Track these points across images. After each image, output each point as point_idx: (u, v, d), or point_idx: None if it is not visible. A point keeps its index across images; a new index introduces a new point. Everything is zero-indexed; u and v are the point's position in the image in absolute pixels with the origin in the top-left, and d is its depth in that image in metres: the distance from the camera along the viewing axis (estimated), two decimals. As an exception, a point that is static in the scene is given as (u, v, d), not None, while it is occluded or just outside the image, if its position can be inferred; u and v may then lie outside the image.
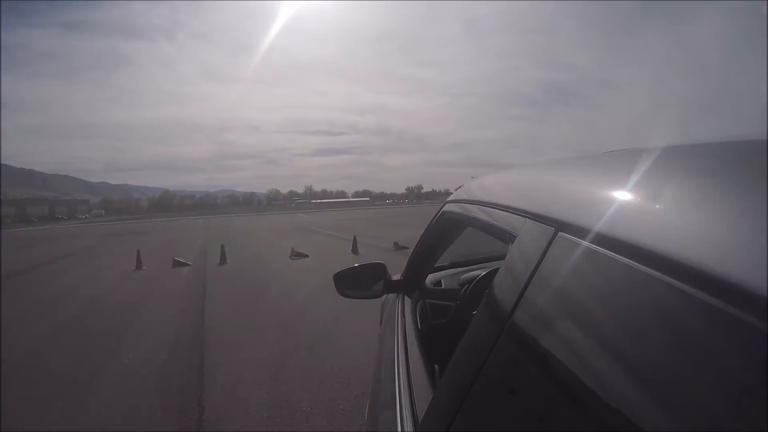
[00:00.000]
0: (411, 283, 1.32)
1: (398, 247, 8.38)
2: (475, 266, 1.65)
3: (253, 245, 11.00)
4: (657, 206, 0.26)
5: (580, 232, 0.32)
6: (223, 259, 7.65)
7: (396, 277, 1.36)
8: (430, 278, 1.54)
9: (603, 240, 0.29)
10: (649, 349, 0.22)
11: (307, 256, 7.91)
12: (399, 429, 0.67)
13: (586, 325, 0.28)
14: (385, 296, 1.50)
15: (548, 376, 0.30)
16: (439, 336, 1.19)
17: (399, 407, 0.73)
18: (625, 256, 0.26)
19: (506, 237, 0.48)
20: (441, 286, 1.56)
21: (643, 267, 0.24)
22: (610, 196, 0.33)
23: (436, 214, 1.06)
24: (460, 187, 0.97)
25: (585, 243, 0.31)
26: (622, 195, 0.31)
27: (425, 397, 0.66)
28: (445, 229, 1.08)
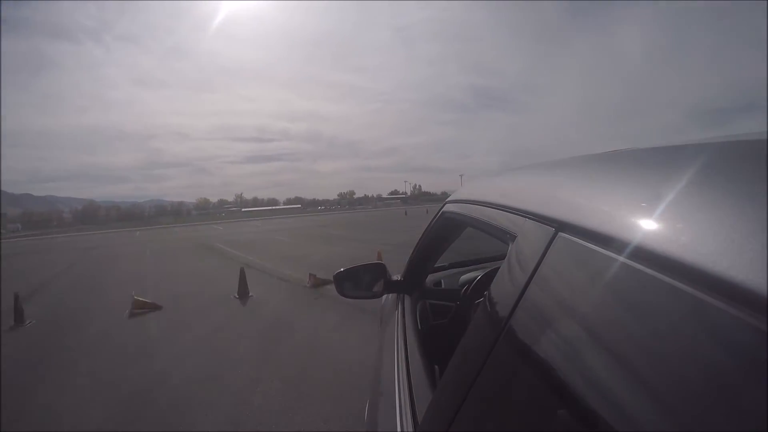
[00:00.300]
0: (411, 284, 1.31)
1: (317, 283, 5.33)
2: (475, 266, 1.66)
3: (99, 281, 7.36)
4: (657, 206, 0.26)
5: (580, 232, 0.33)
6: (19, 318, 4.53)
7: (396, 277, 1.36)
8: (430, 278, 1.54)
9: (603, 240, 0.29)
10: (649, 349, 0.22)
11: (160, 307, 4.79)
12: (399, 429, 0.66)
13: (586, 326, 0.28)
14: (385, 296, 1.49)
15: (548, 377, 0.30)
16: (439, 336, 1.19)
17: (399, 407, 0.72)
18: (625, 257, 0.26)
19: (506, 237, 0.48)
20: (441, 286, 1.56)
21: (644, 267, 0.24)
22: (610, 196, 0.33)
23: (436, 215, 1.06)
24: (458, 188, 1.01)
25: (585, 243, 0.31)
26: (622, 195, 0.32)
27: (425, 397, 0.66)
28: (445, 230, 1.08)
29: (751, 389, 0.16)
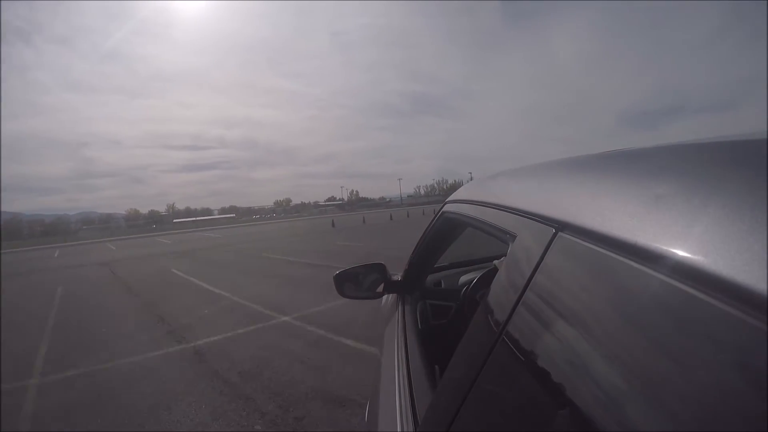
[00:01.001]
0: (411, 284, 1.31)
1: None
2: (475, 266, 1.66)
3: None
4: (657, 206, 0.27)
5: (580, 232, 0.33)
6: None
7: (396, 277, 1.35)
8: (430, 279, 1.54)
9: (603, 240, 0.29)
10: (649, 349, 0.22)
11: None
12: (399, 429, 0.66)
13: (587, 326, 0.28)
14: (385, 296, 1.49)
15: (548, 377, 0.30)
16: (439, 336, 1.19)
17: (399, 407, 0.72)
18: (625, 257, 0.26)
19: (506, 237, 0.48)
20: (441, 286, 1.56)
21: (644, 267, 0.24)
22: (610, 196, 0.33)
23: (436, 215, 1.06)
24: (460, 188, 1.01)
25: (585, 243, 0.31)
26: (622, 195, 0.31)
27: (425, 397, 0.66)
28: (445, 230, 1.08)
29: (751, 389, 0.16)
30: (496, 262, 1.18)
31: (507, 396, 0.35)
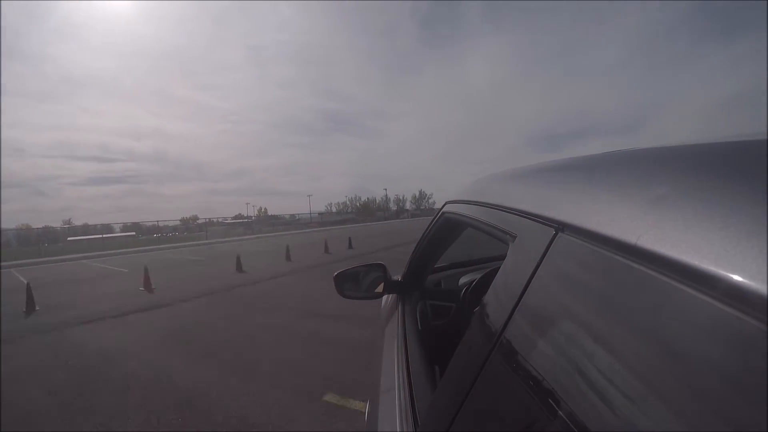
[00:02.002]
0: (411, 284, 1.31)
1: None
2: (475, 267, 1.66)
3: None
4: (657, 206, 0.27)
5: (580, 232, 0.33)
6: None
7: (396, 277, 1.35)
8: (430, 279, 1.53)
9: (603, 240, 0.29)
10: (650, 349, 0.22)
11: None
12: (399, 429, 0.66)
13: (587, 326, 0.28)
14: (385, 297, 1.49)
15: (548, 377, 0.30)
16: (439, 337, 1.19)
17: (399, 407, 0.72)
18: (625, 257, 0.26)
19: (506, 237, 0.48)
20: (441, 287, 1.56)
21: (644, 267, 0.24)
22: (611, 196, 0.33)
23: (436, 215, 1.06)
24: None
25: (585, 243, 0.31)
26: (623, 195, 0.31)
27: (425, 398, 0.66)
28: (445, 230, 1.08)
29: (751, 389, 0.16)
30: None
31: (507, 396, 0.35)
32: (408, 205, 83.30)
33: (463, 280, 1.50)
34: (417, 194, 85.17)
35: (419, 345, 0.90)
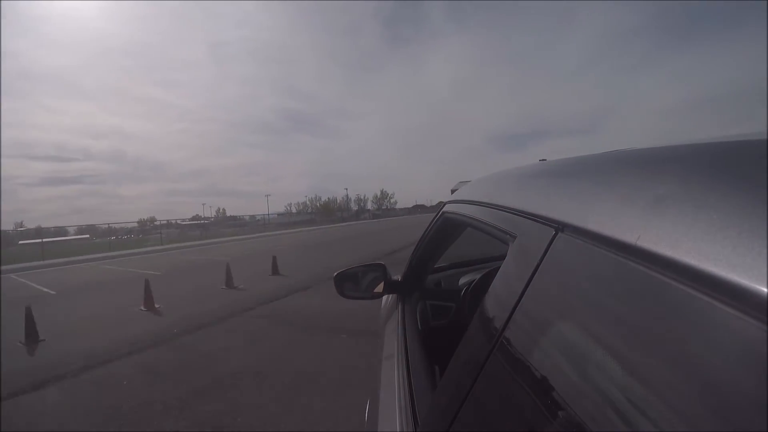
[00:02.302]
0: (411, 284, 1.31)
1: None
2: (475, 267, 1.67)
3: None
4: (657, 206, 0.27)
5: (580, 232, 0.33)
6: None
7: (396, 277, 1.35)
8: (430, 279, 1.54)
9: (603, 240, 0.29)
10: (649, 349, 0.22)
11: None
12: (399, 429, 0.66)
13: (587, 326, 0.28)
14: (385, 297, 1.49)
15: (548, 377, 0.30)
16: (439, 337, 1.19)
17: (399, 407, 0.72)
18: (625, 257, 0.26)
19: (506, 237, 0.48)
20: (441, 287, 1.56)
21: (644, 267, 0.24)
22: (611, 196, 0.33)
23: (436, 215, 1.06)
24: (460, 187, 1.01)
25: (585, 243, 0.31)
26: (623, 195, 0.31)
27: (425, 398, 0.66)
28: (445, 230, 1.08)
29: (751, 389, 0.16)
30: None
31: (507, 396, 0.35)
32: (369, 205, 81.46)
33: (463, 280, 1.50)
34: (378, 194, 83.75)
35: (419, 345, 0.91)
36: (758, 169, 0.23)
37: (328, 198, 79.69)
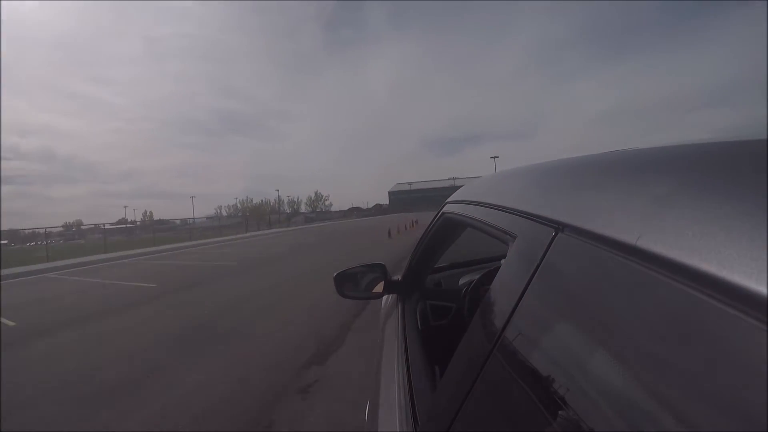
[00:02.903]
0: (411, 284, 1.31)
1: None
2: (475, 267, 1.67)
3: None
4: (657, 206, 0.27)
5: (580, 232, 0.33)
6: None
7: (396, 277, 1.35)
8: (430, 279, 1.54)
9: (603, 240, 0.29)
10: (649, 349, 0.22)
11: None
12: (399, 429, 0.66)
13: (587, 326, 0.28)
14: (385, 297, 1.49)
15: (548, 377, 0.30)
16: (439, 337, 1.19)
17: (399, 408, 0.72)
18: (625, 257, 0.26)
19: (506, 237, 0.48)
20: (441, 287, 1.56)
21: (645, 267, 0.24)
22: (611, 196, 0.33)
23: (436, 215, 1.06)
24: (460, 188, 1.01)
25: (585, 243, 0.31)
26: (623, 195, 0.32)
27: (425, 398, 0.66)
28: (445, 230, 1.08)
29: (751, 389, 0.16)
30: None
31: (507, 396, 0.35)
32: (303, 208, 74.62)
33: (463, 280, 1.50)
34: (313, 196, 76.24)
35: (419, 345, 0.91)
36: (758, 169, 0.23)
37: (261, 200, 73.32)
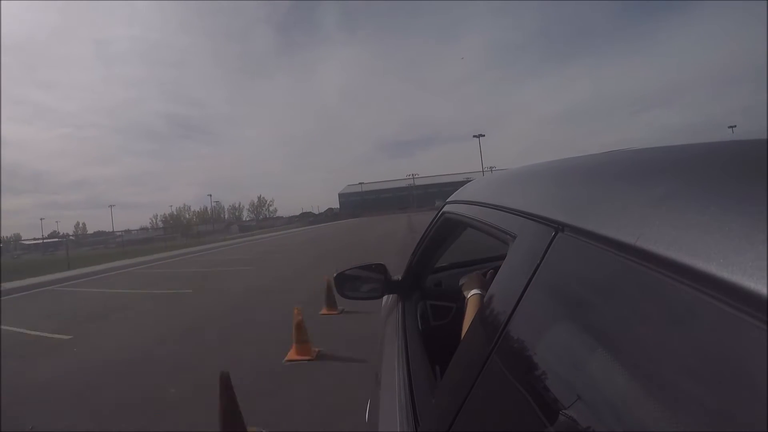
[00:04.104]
0: (411, 284, 1.31)
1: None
2: (476, 267, 1.63)
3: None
4: (657, 206, 0.27)
5: (580, 232, 0.33)
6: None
7: (396, 278, 1.35)
8: (431, 279, 1.53)
9: (603, 240, 0.29)
10: (649, 349, 0.22)
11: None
12: (399, 429, 0.66)
13: (587, 326, 0.28)
14: (385, 297, 1.49)
15: (548, 377, 0.30)
16: (439, 337, 1.19)
17: (399, 407, 0.72)
18: (625, 257, 0.26)
19: (506, 237, 0.48)
20: (441, 287, 1.55)
21: (644, 267, 0.24)
22: (611, 196, 0.33)
23: (436, 215, 1.06)
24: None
25: (585, 243, 0.31)
26: (622, 195, 0.32)
27: (426, 398, 0.66)
28: (446, 230, 1.08)
29: (751, 389, 0.16)
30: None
31: (507, 396, 0.35)
32: (245, 215, 66.63)
33: (463, 280, 1.50)
34: (255, 201, 68.10)
35: (419, 345, 0.91)
36: (758, 169, 0.23)
37: (201, 207, 66.35)
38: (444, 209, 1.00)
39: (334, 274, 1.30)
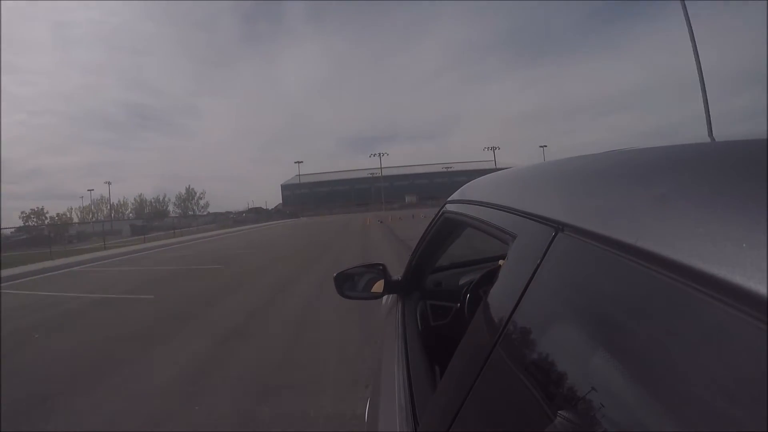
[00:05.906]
0: (411, 284, 1.31)
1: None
2: (475, 267, 1.66)
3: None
4: (657, 206, 0.27)
5: (580, 232, 0.33)
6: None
7: (396, 277, 1.35)
8: (431, 279, 1.53)
9: (603, 240, 0.29)
10: (649, 349, 0.22)
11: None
12: (399, 429, 0.66)
13: (587, 326, 0.28)
14: (385, 297, 1.49)
15: (548, 377, 0.30)
16: (439, 337, 1.19)
17: (399, 408, 0.72)
18: (625, 256, 0.26)
19: (506, 237, 0.48)
20: (441, 286, 1.56)
21: (644, 267, 0.24)
22: (610, 196, 0.33)
23: (437, 215, 1.06)
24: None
25: (585, 243, 0.31)
26: (622, 195, 0.32)
27: (425, 398, 0.66)
28: (445, 230, 1.08)
29: (751, 389, 0.16)
30: (501, 262, 1.18)
31: (507, 396, 0.35)
32: (171, 209, 53.63)
33: (463, 280, 1.49)
34: (182, 193, 55.44)
35: (419, 345, 0.91)
36: (758, 169, 0.23)
37: (158, 196, 54.76)
38: (444, 208, 1.00)
39: (335, 274, 1.30)
